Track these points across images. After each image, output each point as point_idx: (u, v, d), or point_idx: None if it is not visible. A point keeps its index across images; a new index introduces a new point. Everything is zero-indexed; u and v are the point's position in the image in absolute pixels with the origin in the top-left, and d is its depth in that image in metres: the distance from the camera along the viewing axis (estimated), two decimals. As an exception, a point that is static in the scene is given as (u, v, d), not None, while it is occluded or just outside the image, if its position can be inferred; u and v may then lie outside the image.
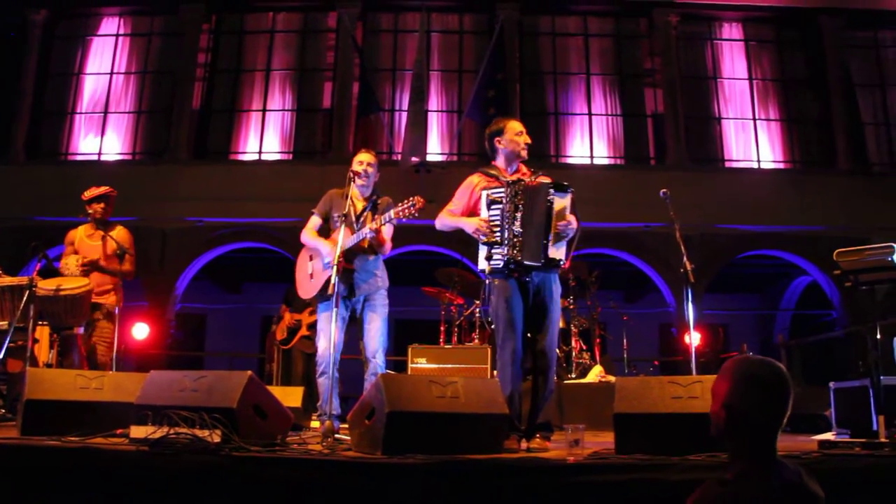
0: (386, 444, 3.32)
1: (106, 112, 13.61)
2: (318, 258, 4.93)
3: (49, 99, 13.74)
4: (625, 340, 8.47)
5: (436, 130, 13.39)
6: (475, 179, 4.44)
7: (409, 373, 6.77)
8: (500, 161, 4.49)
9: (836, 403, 5.18)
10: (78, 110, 13.69)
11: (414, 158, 11.93)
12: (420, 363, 6.87)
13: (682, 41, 13.84)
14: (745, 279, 14.85)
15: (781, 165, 13.51)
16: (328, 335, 4.52)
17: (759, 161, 13.44)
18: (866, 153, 13.54)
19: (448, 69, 13.81)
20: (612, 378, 6.86)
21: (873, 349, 4.26)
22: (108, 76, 13.76)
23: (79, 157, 13.42)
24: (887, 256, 4.29)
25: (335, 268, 4.26)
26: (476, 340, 7.54)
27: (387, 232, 4.82)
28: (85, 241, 6.05)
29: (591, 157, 13.35)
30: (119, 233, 6.07)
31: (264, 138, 13.44)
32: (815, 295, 13.79)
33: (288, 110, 13.62)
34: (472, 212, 4.36)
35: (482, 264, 4.21)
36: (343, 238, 4.50)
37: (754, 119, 13.67)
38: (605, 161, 13.38)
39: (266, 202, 12.36)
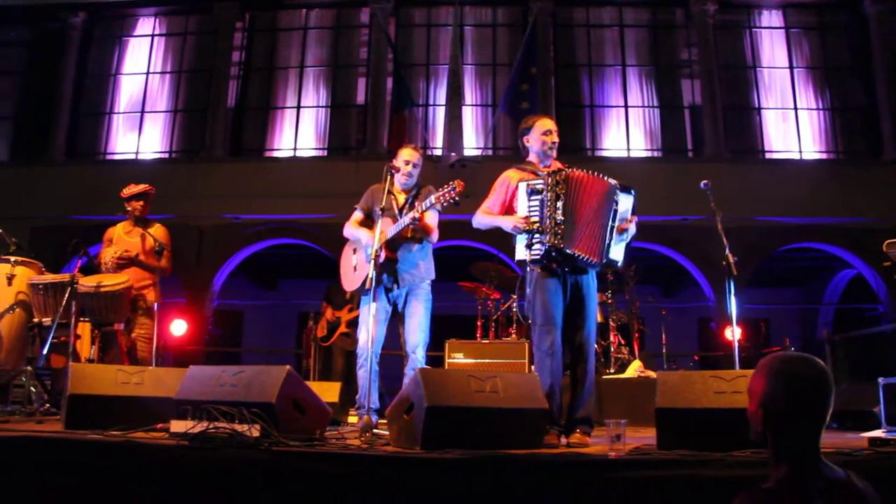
0: (425, 439, 3.33)
1: (143, 111, 13.82)
2: (361, 250, 4.91)
3: (87, 100, 14.00)
4: (663, 335, 8.38)
5: (470, 125, 13.33)
6: (510, 174, 4.44)
7: (447, 368, 6.77)
8: (532, 157, 4.53)
9: (886, 400, 5.05)
10: (115, 110, 13.93)
11: (453, 155, 11.92)
12: (457, 358, 6.86)
13: (720, 30, 13.61)
14: (787, 273, 14.61)
15: (824, 156, 13.23)
16: (369, 327, 4.52)
17: (800, 152, 13.19)
18: (914, 142, 13.22)
19: (482, 63, 13.76)
20: (651, 373, 6.79)
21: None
22: (145, 76, 13.98)
23: (117, 157, 13.66)
24: (938, 247, 4.18)
25: (373, 261, 4.29)
26: (513, 335, 7.51)
27: (431, 219, 4.76)
28: (123, 237, 6.15)
29: (628, 149, 13.22)
30: (157, 230, 6.16)
31: (299, 135, 13.53)
32: (860, 288, 13.50)
33: (322, 107, 13.70)
34: (509, 207, 4.36)
35: (520, 254, 4.16)
36: (383, 227, 4.52)
37: (795, 108, 13.40)
38: (642, 153, 13.25)
39: (301, 199, 12.46)
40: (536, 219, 4.09)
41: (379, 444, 3.57)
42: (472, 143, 13.17)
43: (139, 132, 13.72)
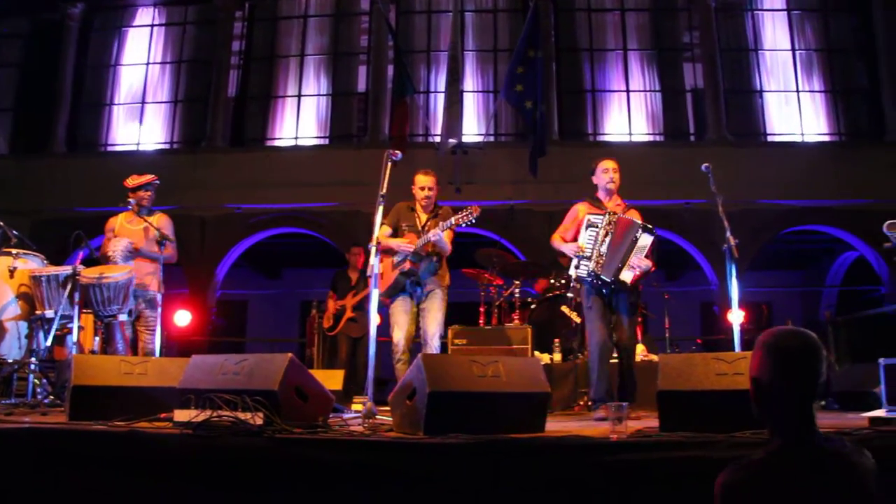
0: (427, 424, 3.33)
1: (143, 102, 13.81)
2: (389, 259, 5.61)
3: (88, 91, 13.99)
4: (666, 319, 8.36)
5: (471, 111, 13.32)
6: (581, 208, 5.46)
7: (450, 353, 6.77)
8: (600, 193, 5.50)
9: (887, 380, 5.05)
10: (116, 101, 13.92)
11: (452, 140, 11.90)
12: (460, 344, 6.87)
13: (721, 13, 13.53)
14: (789, 255, 14.57)
15: (827, 138, 13.17)
16: (401, 325, 5.50)
17: (803, 134, 13.13)
18: (917, 122, 13.15)
19: (483, 49, 13.71)
20: (654, 357, 6.80)
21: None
22: (145, 66, 13.96)
23: (118, 148, 13.67)
24: (940, 227, 4.17)
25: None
26: (516, 321, 7.51)
27: (447, 236, 5.58)
28: (126, 227, 6.16)
29: (630, 133, 13.18)
30: (159, 219, 6.16)
31: (300, 124, 13.52)
32: (863, 270, 13.47)
33: (323, 95, 13.67)
34: (576, 235, 5.33)
35: (572, 271, 5.27)
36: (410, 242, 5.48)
37: (798, 91, 13.34)
38: (644, 137, 13.21)
39: (303, 187, 12.45)
40: (588, 246, 5.16)
41: (382, 431, 3.58)
42: (473, 129, 13.15)
43: (140, 123, 13.71)
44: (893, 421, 3.72)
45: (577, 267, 5.21)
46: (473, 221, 5.22)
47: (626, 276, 5.11)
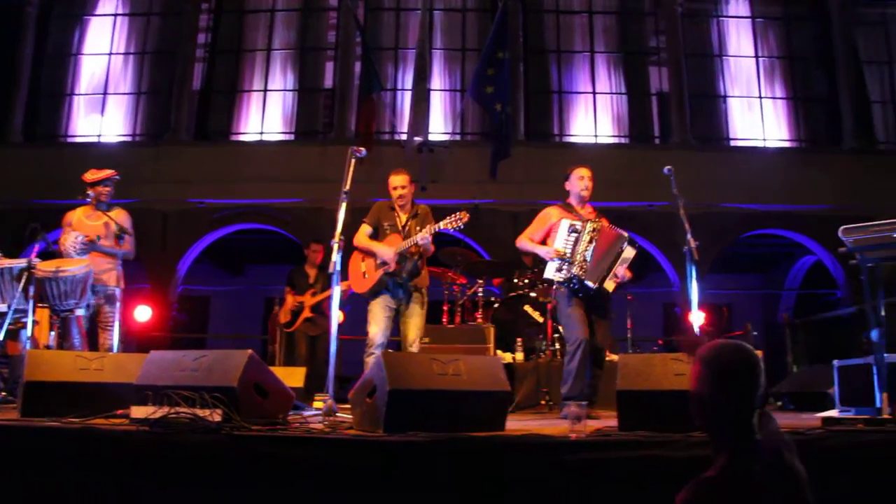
0: (387, 422, 3.33)
1: (105, 93, 13.57)
2: (370, 258, 5.62)
3: (47, 80, 13.68)
4: (628, 320, 8.46)
5: (438, 110, 13.32)
6: (553, 212, 5.51)
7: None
8: (572, 199, 5.58)
9: (841, 381, 5.16)
10: (77, 91, 13.65)
11: (417, 138, 11.89)
12: (423, 342, 6.85)
13: (688, 18, 13.71)
14: (750, 259, 14.80)
15: (788, 144, 13.43)
16: (378, 321, 5.50)
17: (765, 139, 13.38)
18: (873, 131, 13.44)
19: (451, 48, 13.72)
20: (615, 357, 6.86)
21: (877, 327, 4.24)
22: (107, 57, 13.71)
23: (78, 139, 13.39)
24: (893, 233, 4.25)
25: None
26: (479, 320, 7.54)
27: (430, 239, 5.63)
28: (84, 221, 6.04)
29: (595, 135, 13.29)
30: (118, 214, 6.07)
31: (266, 119, 13.40)
32: (820, 274, 13.74)
33: (289, 90, 13.56)
34: (546, 237, 5.44)
35: (550, 274, 5.32)
36: (392, 243, 5.51)
37: (760, 97, 13.58)
38: (609, 140, 13.32)
39: (268, 183, 12.35)
40: (567, 251, 5.23)
41: (342, 428, 3.56)
42: (440, 128, 13.15)
43: (101, 114, 13.46)
44: (845, 421, 3.80)
45: (559, 270, 5.27)
46: (461, 227, 5.30)
47: (610, 285, 5.26)
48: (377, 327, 5.51)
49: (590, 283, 5.18)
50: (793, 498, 1.97)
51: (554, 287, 5.45)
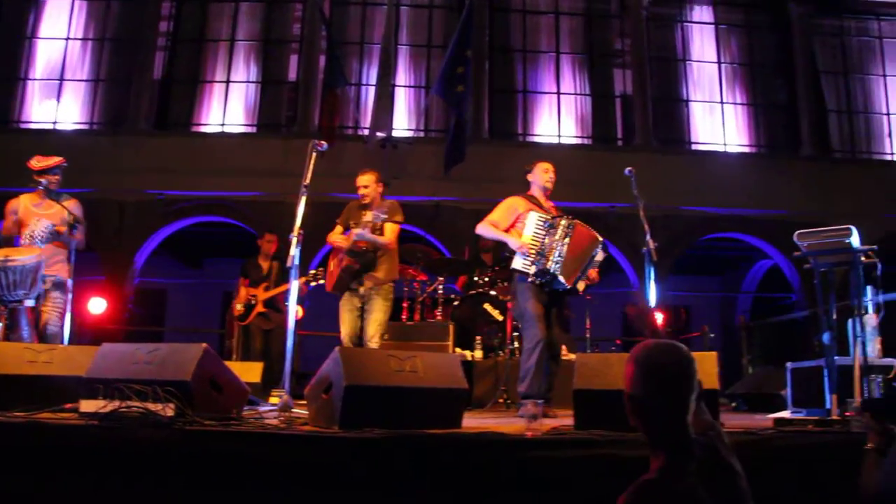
0: (343, 419, 3.32)
1: (62, 79, 13.26)
2: (338, 257, 5.84)
3: (-1, 63, 13.34)
4: (588, 320, 8.51)
5: (403, 106, 13.30)
6: (518, 202, 5.46)
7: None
8: (535, 191, 5.58)
9: (793, 383, 5.28)
10: (31, 76, 13.32)
11: (380, 134, 11.84)
12: (382, 339, 6.85)
13: (653, 22, 13.88)
14: (709, 261, 15.03)
15: (747, 149, 13.65)
16: (345, 322, 5.75)
17: (725, 144, 13.58)
18: (829, 139, 13.75)
19: (417, 44, 13.70)
20: (572, 356, 6.91)
21: (828, 330, 4.33)
22: (64, 41, 13.40)
23: (32, 126, 13.06)
24: (845, 238, 4.36)
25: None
26: (439, 317, 7.55)
27: (388, 231, 5.77)
28: (31, 210, 5.88)
29: (559, 135, 13.37)
30: (70, 203, 5.93)
31: (227, 110, 13.23)
32: (777, 278, 14.02)
33: (252, 82, 13.41)
34: (511, 227, 5.38)
35: (519, 265, 5.22)
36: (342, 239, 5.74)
37: (722, 102, 13.79)
38: (573, 140, 13.42)
39: (228, 176, 12.20)
40: (539, 244, 5.16)
41: (297, 424, 3.54)
42: (405, 124, 13.13)
43: (57, 101, 13.17)
44: (796, 422, 3.87)
45: (533, 263, 5.15)
46: (384, 219, 5.51)
47: (581, 285, 5.28)
48: (346, 328, 5.74)
49: (563, 280, 5.12)
50: (731, 495, 2.00)
51: (516, 280, 5.34)
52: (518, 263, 5.24)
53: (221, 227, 12.96)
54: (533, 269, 5.16)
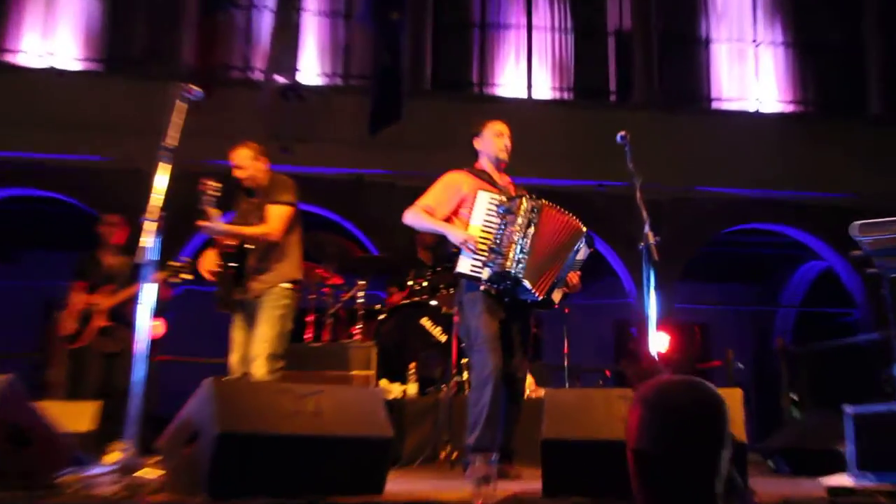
0: (213, 482, 3.29)
1: None
2: None
3: None
4: (566, 342, 8.57)
5: (313, 40, 13.23)
6: (462, 179, 5.41)
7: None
8: (484, 163, 5.55)
9: (856, 435, 5.33)
10: None
11: (280, 78, 11.78)
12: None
13: (661, -70, 14.03)
14: (736, 263, 15.23)
15: (790, 108, 13.89)
16: (234, 344, 5.84)
17: (759, 101, 13.80)
18: (905, 95, 13.99)
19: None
20: (541, 392, 6.96)
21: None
22: None
23: None
24: (927, 232, 4.39)
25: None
26: (357, 336, 7.54)
27: (272, 216, 5.81)
28: None
29: (529, 87, 13.44)
30: None
31: (57, 37, 12.99)
32: (830, 287, 14.24)
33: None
34: (454, 213, 5.35)
35: (464, 267, 5.08)
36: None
37: (755, 43, 13.98)
38: (548, 94, 13.54)
39: (56, 130, 11.93)
40: (492, 236, 5.07)
41: (144, 494, 3.49)
42: (316, 67, 13.07)
43: None
44: (860, 492, 3.88)
45: (485, 264, 5.06)
46: (213, 196, 5.55)
47: (557, 295, 5.26)
48: (234, 353, 5.81)
49: (529, 286, 5.02)
50: None
51: (463, 288, 5.26)
52: (464, 265, 5.11)
53: (45, 203, 12.74)
54: (485, 273, 5.05)
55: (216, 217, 5.68)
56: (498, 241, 5.06)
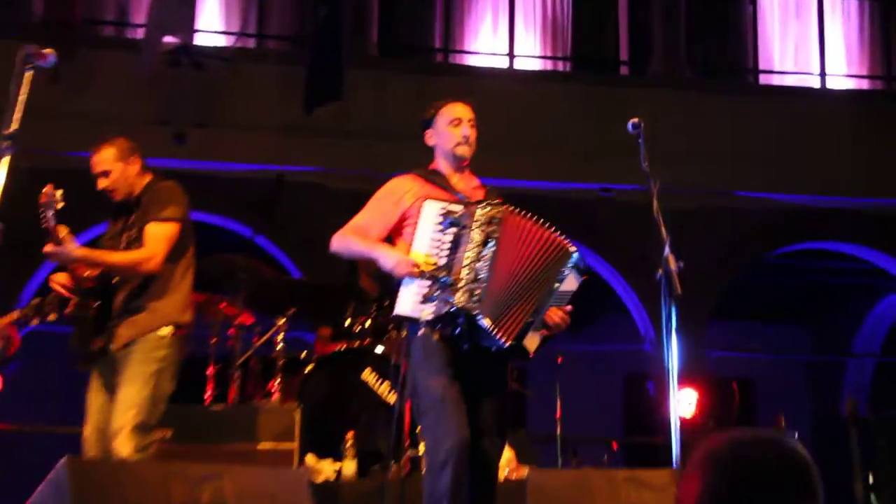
0: None
1: None
2: None
3: None
4: (558, 402, 8.62)
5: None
6: (406, 186, 5.27)
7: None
8: (440, 164, 5.40)
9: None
10: None
11: (170, 39, 11.77)
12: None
13: None
14: (790, 296, 15.32)
15: (864, 85, 14.03)
16: (90, 410, 5.72)
17: (823, 75, 13.91)
18: None
19: None
20: (523, 473, 6.98)
21: None
22: None
23: None
24: None
25: None
26: (276, 394, 7.55)
27: (149, 237, 5.68)
28: None
29: (511, 56, 13.54)
30: None
31: None
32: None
33: None
34: (396, 231, 5.26)
35: (406, 307, 4.93)
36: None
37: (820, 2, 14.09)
38: (536, 64, 13.67)
39: None
40: (441, 259, 4.88)
41: None
42: (218, 25, 13.07)
43: None
44: None
45: (427, 299, 4.90)
46: (56, 207, 5.22)
47: (533, 340, 5.04)
48: (91, 421, 5.69)
49: (488, 326, 4.80)
50: None
51: (407, 332, 5.15)
52: (404, 302, 4.99)
53: None
54: (429, 311, 4.91)
55: (67, 238, 5.39)
56: (445, 267, 4.90)
